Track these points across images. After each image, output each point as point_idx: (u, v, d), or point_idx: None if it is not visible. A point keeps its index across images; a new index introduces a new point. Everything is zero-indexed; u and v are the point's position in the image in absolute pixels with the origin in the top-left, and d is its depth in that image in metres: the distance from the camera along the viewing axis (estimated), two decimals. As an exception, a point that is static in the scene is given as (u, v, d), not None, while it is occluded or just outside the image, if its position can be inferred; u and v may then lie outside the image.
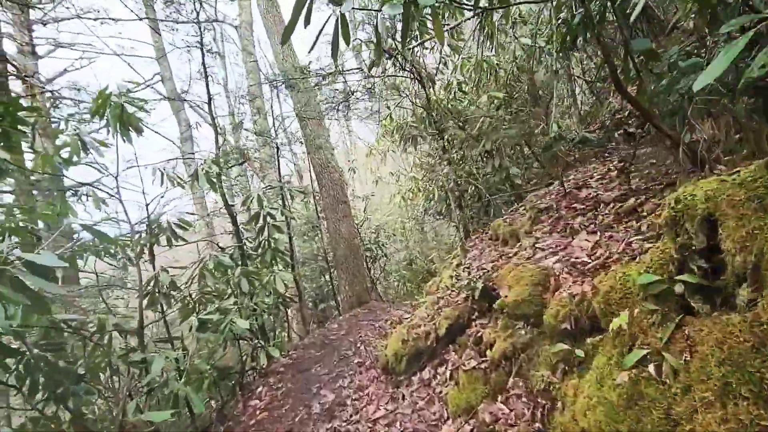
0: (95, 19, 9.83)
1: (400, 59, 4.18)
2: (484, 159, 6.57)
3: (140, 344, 3.20)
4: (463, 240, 4.66)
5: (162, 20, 10.51)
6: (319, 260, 9.71)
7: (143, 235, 4.43)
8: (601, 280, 2.14)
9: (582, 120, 8.30)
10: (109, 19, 12.25)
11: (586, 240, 2.71)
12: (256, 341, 4.63)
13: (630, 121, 5.94)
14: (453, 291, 3.72)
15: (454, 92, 6.43)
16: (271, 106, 6.23)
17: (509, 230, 4.04)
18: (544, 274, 2.56)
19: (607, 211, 2.91)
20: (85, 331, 3.44)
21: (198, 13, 5.89)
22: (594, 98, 10.17)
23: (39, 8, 8.09)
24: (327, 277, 10.02)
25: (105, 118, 3.51)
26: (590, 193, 3.45)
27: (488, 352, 2.76)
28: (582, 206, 3.27)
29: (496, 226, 4.39)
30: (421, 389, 3.12)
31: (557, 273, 2.52)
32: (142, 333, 3.20)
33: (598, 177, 3.84)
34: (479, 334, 3.01)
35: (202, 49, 5.94)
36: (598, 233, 2.67)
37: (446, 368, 3.09)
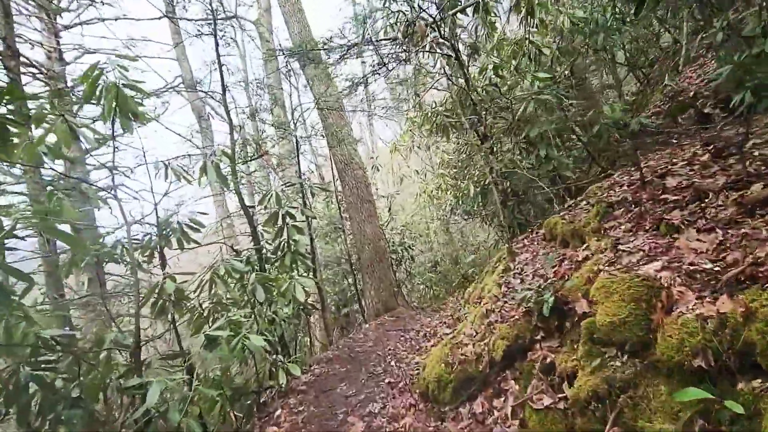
0: (116, 19, 9.68)
1: (437, 28, 3.58)
2: (524, 149, 5.88)
3: (136, 366, 2.71)
4: (510, 241, 4.02)
5: (181, 18, 10.30)
6: (342, 263, 9.19)
7: (153, 237, 4.03)
8: (755, 297, 1.49)
9: (629, 107, 7.50)
10: (129, 18, 12.12)
11: (698, 240, 2.04)
12: (275, 356, 4.12)
13: (698, 102, 5.15)
14: (505, 302, 3.09)
15: (490, 77, 5.78)
16: (290, 96, 5.76)
17: (569, 229, 3.38)
18: (646, 286, 1.91)
19: (719, 202, 2.23)
20: (78, 349, 3.00)
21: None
22: (639, 85, 9.29)
23: (71, 11, 7.93)
24: (350, 280, 9.50)
25: (101, 103, 3.07)
26: (681, 182, 2.76)
27: (566, 387, 2.13)
28: (675, 197, 2.59)
29: (551, 224, 3.73)
30: (474, 426, 2.51)
31: (666, 285, 1.86)
32: (138, 353, 2.71)
33: (683, 163, 3.13)
34: (548, 360, 2.38)
35: (215, 37, 5.50)
36: (718, 230, 2.00)
37: (506, 402, 2.46)
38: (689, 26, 6.97)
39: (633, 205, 2.90)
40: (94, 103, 3.11)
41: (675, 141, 4.62)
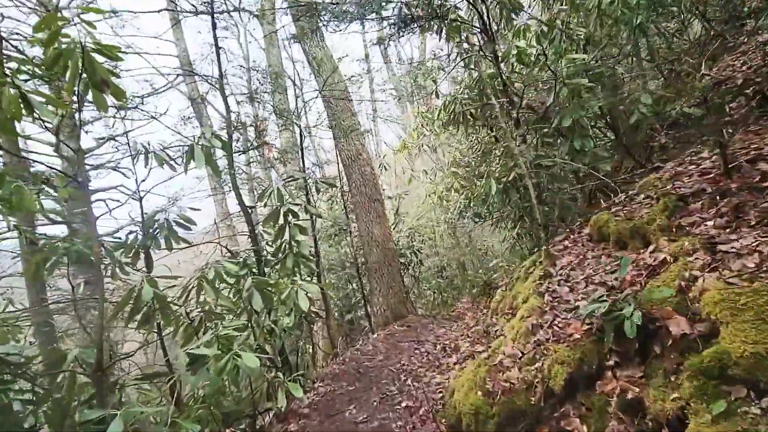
0: (115, 12, 9.28)
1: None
2: (548, 143, 5.32)
3: (98, 394, 2.15)
4: (547, 242, 3.47)
5: (180, 11, 9.84)
6: (347, 267, 8.63)
7: (138, 235, 3.52)
8: None
9: (656, 100, 7.00)
10: (128, 11, 11.71)
11: None
12: (273, 374, 3.55)
13: (750, 89, 4.61)
14: (555, 315, 2.53)
15: (512, 64, 5.24)
16: (293, 81, 5.19)
17: (627, 227, 2.82)
18: (795, 301, 1.35)
19: None
20: (27, 368, 2.45)
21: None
22: (664, 79, 8.80)
23: (70, 8, 7.54)
24: (354, 284, 8.96)
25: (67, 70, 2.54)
26: (786, 166, 2.20)
27: (669, 437, 1.56)
28: (786, 185, 2.04)
29: (600, 222, 3.16)
30: (529, 480, 1.94)
31: (831, 299, 1.30)
32: (100, 379, 2.15)
33: (771, 147, 2.58)
34: (629, 396, 1.81)
35: (212, 16, 5.00)
36: None
37: (571, 448, 1.90)
38: (724, 14, 6.48)
39: (719, 197, 2.34)
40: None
41: (731, 131, 4.07)
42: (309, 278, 5.18)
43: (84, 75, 2.60)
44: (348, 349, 5.84)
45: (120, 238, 3.72)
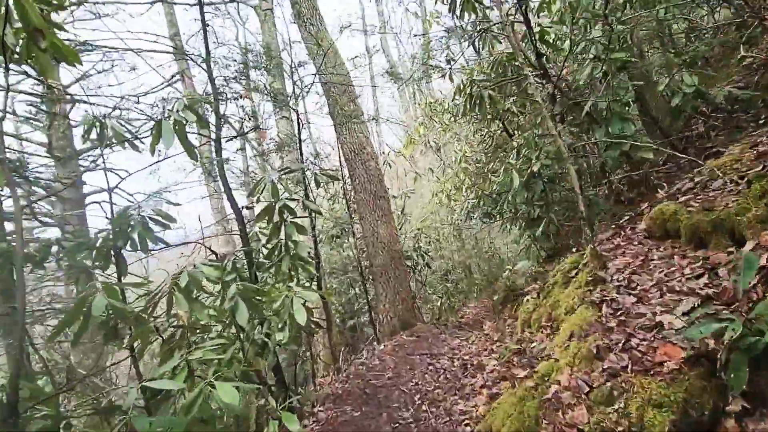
0: (104, 2, 8.77)
1: None
2: (574, 133, 4.73)
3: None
4: (593, 239, 2.87)
5: (176, 3, 9.34)
6: (350, 271, 8.04)
7: (109, 234, 2.95)
8: None
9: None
10: (121, 2, 11.28)
11: None
12: (264, 400, 2.96)
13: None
14: (630, 334, 1.93)
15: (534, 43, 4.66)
16: (290, 66, 4.59)
17: (706, 220, 2.23)
18: None
19: None
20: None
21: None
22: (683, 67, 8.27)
23: (65, 8, 7.05)
24: (357, 289, 8.37)
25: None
26: None
27: None
28: None
29: (663, 214, 2.57)
30: None
31: None
32: (14, 416, 1.54)
33: None
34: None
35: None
36: None
37: None
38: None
39: None
40: None
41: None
42: (308, 283, 4.60)
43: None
44: (352, 363, 5.23)
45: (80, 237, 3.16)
